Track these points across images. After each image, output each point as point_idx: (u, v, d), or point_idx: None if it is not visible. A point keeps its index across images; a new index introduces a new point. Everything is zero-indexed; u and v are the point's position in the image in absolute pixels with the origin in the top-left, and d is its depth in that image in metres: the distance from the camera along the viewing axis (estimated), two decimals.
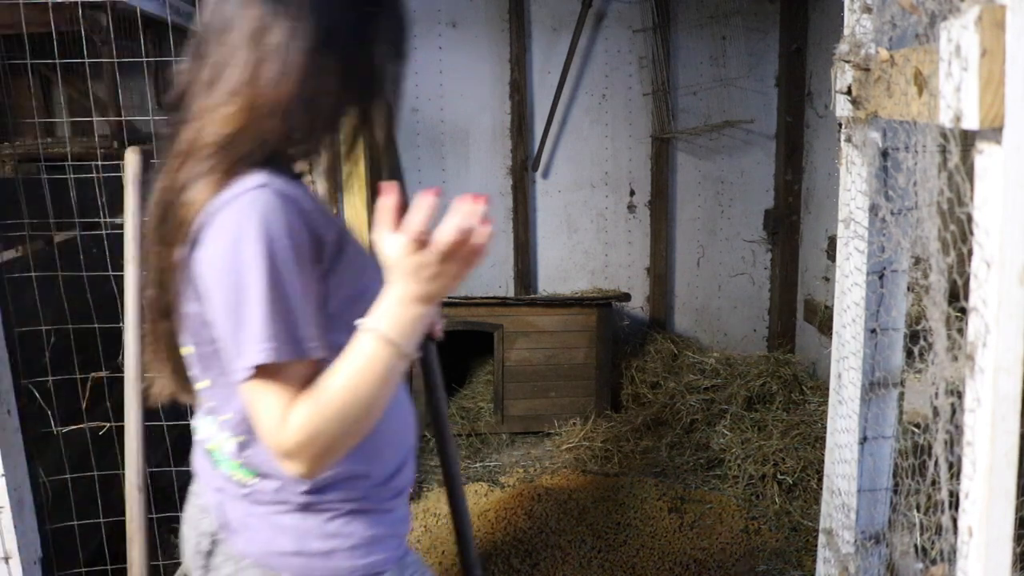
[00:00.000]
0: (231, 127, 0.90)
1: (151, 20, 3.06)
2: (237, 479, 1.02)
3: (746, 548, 2.59)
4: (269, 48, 0.90)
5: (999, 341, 0.71)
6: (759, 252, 4.32)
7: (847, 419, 1.30)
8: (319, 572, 1.00)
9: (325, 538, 1.00)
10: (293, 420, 0.87)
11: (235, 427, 0.99)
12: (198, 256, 0.90)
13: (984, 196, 0.71)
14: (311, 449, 0.88)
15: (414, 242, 0.88)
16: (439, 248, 0.88)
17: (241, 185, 0.89)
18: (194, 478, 1.13)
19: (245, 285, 0.86)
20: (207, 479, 1.07)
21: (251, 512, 1.01)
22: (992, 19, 0.67)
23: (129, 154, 1.91)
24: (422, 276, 0.89)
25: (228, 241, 0.87)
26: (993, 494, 0.73)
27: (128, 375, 1.87)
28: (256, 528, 1.00)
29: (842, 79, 1.19)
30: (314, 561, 1.00)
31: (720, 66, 4.10)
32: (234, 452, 1.00)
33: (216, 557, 1.04)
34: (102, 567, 2.10)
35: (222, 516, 1.03)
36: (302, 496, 1.00)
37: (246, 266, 0.86)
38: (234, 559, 1.02)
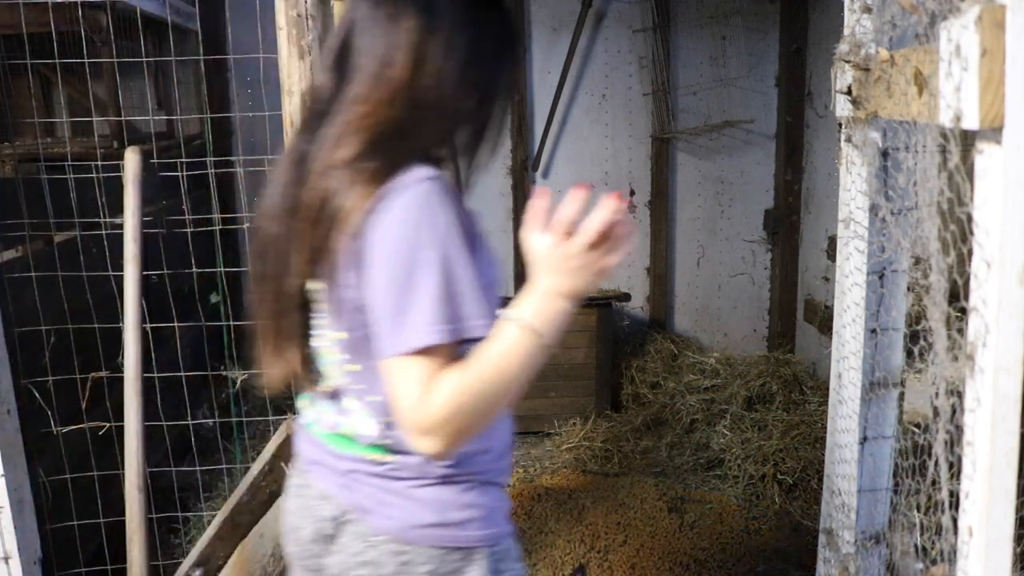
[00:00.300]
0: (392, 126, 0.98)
1: (151, 20, 3.06)
2: (372, 459, 1.06)
3: (746, 548, 2.59)
4: (427, 55, 0.98)
5: (999, 341, 0.71)
6: (759, 252, 4.32)
7: (847, 419, 1.30)
8: (456, 542, 1.06)
9: (461, 508, 1.06)
10: (436, 398, 0.91)
11: (383, 408, 1.03)
12: (369, 240, 0.94)
13: (984, 196, 0.71)
14: (448, 427, 0.92)
15: (563, 234, 0.95)
16: (585, 239, 0.94)
17: (412, 175, 0.95)
18: (299, 472, 1.16)
19: (419, 268, 0.91)
20: (330, 465, 1.10)
21: (388, 488, 1.06)
22: (992, 19, 0.67)
23: (129, 154, 1.91)
24: (567, 268, 0.95)
25: (404, 225, 0.92)
26: (993, 494, 0.73)
27: (128, 375, 1.87)
28: (394, 504, 1.05)
29: (842, 79, 1.19)
30: (452, 531, 1.06)
31: (720, 66, 4.10)
32: (377, 433, 1.05)
33: (341, 539, 1.08)
34: (102, 567, 2.10)
35: (350, 498, 1.07)
36: (442, 469, 1.05)
37: (422, 250, 0.92)
38: (364, 537, 1.06)
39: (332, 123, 0.99)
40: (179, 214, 2.28)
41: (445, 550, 1.06)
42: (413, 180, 0.94)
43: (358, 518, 1.07)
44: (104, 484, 2.09)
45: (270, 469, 1.76)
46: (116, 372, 1.95)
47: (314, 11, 1.45)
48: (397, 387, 0.93)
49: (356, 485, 1.07)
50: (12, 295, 1.95)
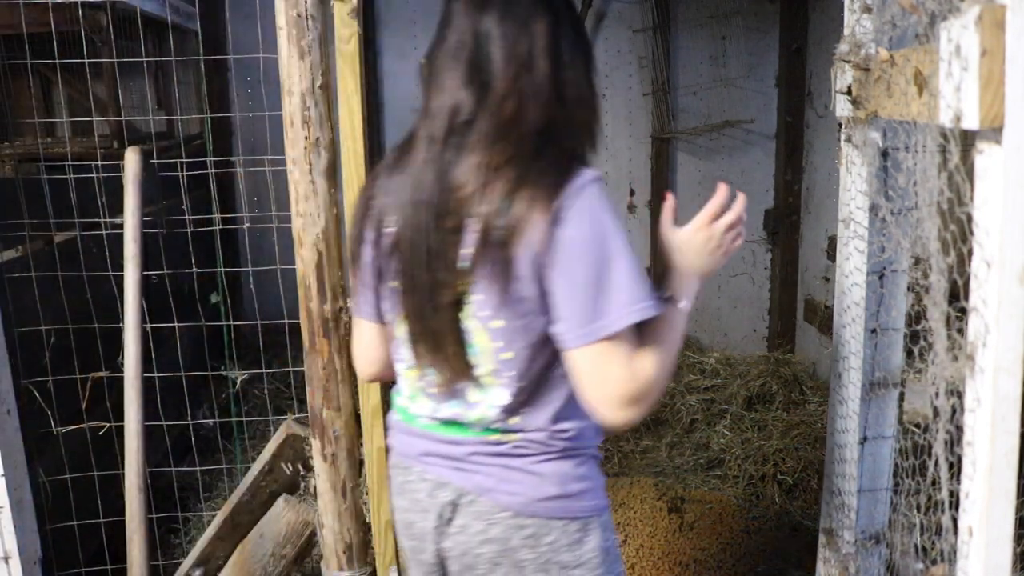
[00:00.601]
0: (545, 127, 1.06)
1: (151, 20, 3.06)
2: (494, 439, 1.13)
3: (746, 548, 2.59)
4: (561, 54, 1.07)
5: (999, 341, 0.71)
6: (759, 252, 4.31)
7: (847, 419, 1.30)
8: (574, 512, 1.14)
9: (578, 480, 1.14)
10: (641, 372, 1.03)
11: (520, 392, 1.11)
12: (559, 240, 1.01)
13: (984, 196, 0.71)
14: (651, 397, 1.04)
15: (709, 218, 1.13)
16: (725, 221, 1.14)
17: (583, 178, 1.02)
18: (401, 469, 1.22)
19: (613, 259, 1.01)
20: (444, 452, 1.16)
21: (509, 466, 1.13)
22: (992, 19, 0.67)
23: (129, 154, 1.91)
24: (707, 249, 1.14)
25: (592, 223, 1.01)
26: (993, 494, 0.73)
27: (128, 375, 1.87)
28: (517, 480, 1.12)
29: (842, 79, 1.19)
30: (571, 503, 1.14)
31: (720, 66, 4.10)
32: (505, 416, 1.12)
33: (458, 520, 1.15)
34: (102, 567, 2.10)
35: (470, 480, 1.14)
36: (561, 443, 1.13)
37: (611, 241, 1.01)
38: (486, 516, 1.13)
39: (479, 132, 1.05)
40: (179, 214, 2.28)
41: (565, 521, 1.13)
42: (586, 181, 1.02)
43: (476, 498, 1.13)
44: (104, 484, 2.09)
45: (270, 469, 1.76)
46: (116, 372, 1.95)
47: (314, 11, 1.45)
48: (606, 365, 1.02)
49: (475, 467, 1.14)
50: (12, 295, 1.95)
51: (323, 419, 1.58)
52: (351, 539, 1.64)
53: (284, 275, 1.87)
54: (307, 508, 1.74)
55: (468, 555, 1.15)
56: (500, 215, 1.01)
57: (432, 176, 1.07)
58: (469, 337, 1.10)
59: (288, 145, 1.50)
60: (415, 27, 4.16)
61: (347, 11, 1.44)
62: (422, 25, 4.15)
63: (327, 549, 1.65)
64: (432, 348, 1.12)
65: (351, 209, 1.50)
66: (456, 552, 1.16)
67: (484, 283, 1.05)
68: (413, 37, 4.16)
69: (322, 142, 1.50)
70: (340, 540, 1.63)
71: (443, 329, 1.10)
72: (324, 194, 1.51)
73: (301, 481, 1.75)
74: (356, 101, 1.48)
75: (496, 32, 1.06)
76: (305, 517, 1.74)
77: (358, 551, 1.65)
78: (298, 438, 1.71)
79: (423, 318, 1.11)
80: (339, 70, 1.47)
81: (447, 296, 1.07)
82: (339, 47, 1.46)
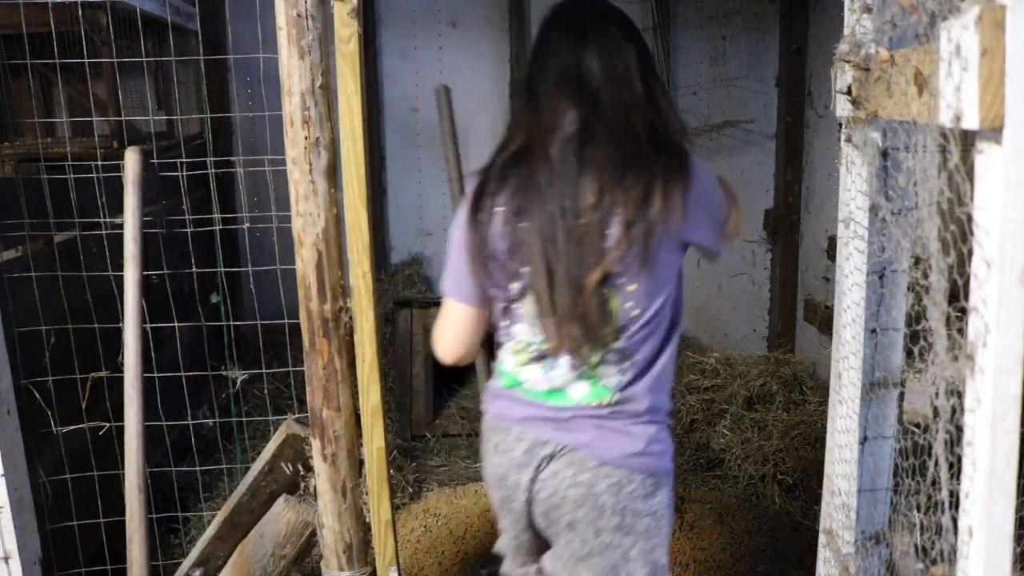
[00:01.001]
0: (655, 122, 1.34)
1: (151, 20, 3.06)
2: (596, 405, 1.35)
3: (746, 548, 2.59)
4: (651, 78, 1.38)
5: (999, 341, 0.71)
6: (759, 252, 4.32)
7: (847, 419, 1.30)
8: (653, 470, 1.36)
9: (659, 443, 1.37)
10: None
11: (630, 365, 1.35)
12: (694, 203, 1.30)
13: (984, 196, 0.71)
14: None
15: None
16: None
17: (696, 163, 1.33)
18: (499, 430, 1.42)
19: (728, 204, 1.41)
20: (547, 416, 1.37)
21: (605, 426, 1.35)
22: (992, 19, 0.67)
23: (129, 154, 1.91)
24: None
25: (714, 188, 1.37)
26: (993, 494, 0.73)
27: (128, 375, 1.87)
28: (611, 438, 1.34)
29: (842, 79, 1.19)
30: (652, 460, 1.36)
31: (720, 66, 4.10)
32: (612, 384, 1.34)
33: (552, 467, 1.36)
34: (102, 567, 2.10)
35: (569, 437, 1.35)
36: (651, 410, 1.36)
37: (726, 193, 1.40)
38: (578, 463, 1.34)
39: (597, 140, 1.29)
40: (179, 214, 2.28)
41: (644, 475, 1.35)
42: (699, 163, 1.33)
43: (573, 449, 1.35)
44: (104, 484, 2.09)
45: (270, 469, 1.76)
46: (116, 372, 1.95)
47: (314, 11, 1.45)
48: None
49: (575, 428, 1.35)
50: (12, 295, 1.95)
51: (323, 419, 1.58)
52: (351, 539, 1.64)
53: (284, 275, 1.87)
54: (307, 508, 1.74)
55: (555, 496, 1.35)
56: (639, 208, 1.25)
57: (565, 178, 1.29)
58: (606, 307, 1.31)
59: (288, 145, 1.50)
60: (415, 27, 4.16)
61: (347, 11, 1.44)
62: (422, 25, 4.15)
63: (327, 549, 1.65)
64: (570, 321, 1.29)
65: (351, 209, 1.50)
66: (544, 494, 1.36)
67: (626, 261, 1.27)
68: (413, 37, 4.16)
69: (322, 142, 1.50)
70: (340, 540, 1.63)
71: (586, 304, 1.28)
72: (324, 194, 1.51)
73: (301, 481, 1.75)
74: (356, 101, 1.48)
75: (596, 61, 1.32)
76: (305, 517, 1.73)
77: (358, 551, 1.65)
78: (298, 438, 1.70)
79: (567, 297, 1.29)
80: (339, 70, 1.47)
81: (593, 276, 1.27)
82: (339, 47, 1.46)
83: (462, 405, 3.67)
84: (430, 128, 4.27)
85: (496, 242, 1.34)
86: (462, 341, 1.47)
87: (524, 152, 1.35)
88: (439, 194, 4.33)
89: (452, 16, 4.13)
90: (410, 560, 2.52)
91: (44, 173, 2.17)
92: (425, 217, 4.36)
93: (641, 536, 1.36)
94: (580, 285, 1.28)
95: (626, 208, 1.25)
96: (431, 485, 3.06)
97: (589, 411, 1.35)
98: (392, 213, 4.34)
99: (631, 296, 1.31)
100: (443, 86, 2.48)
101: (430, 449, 3.37)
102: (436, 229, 4.37)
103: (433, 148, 4.29)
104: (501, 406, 1.43)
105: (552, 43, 1.36)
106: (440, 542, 2.62)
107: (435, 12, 4.13)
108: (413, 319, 3.39)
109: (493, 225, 1.34)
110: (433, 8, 4.13)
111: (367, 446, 1.60)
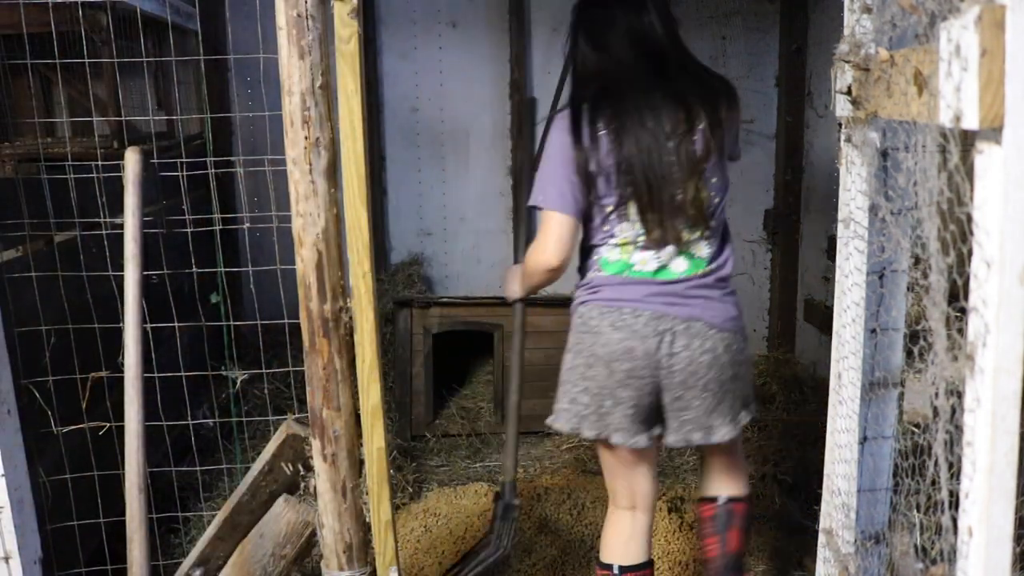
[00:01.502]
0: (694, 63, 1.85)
1: (151, 20, 3.06)
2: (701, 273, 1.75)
3: (746, 548, 2.59)
4: (676, 28, 1.84)
5: (999, 341, 0.71)
6: (759, 252, 4.31)
7: (847, 419, 1.30)
8: (741, 327, 1.81)
9: (738, 307, 1.82)
10: None
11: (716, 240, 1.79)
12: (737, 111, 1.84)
13: (984, 196, 0.71)
14: None
15: None
16: None
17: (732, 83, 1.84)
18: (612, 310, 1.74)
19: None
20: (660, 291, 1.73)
21: (709, 296, 1.75)
22: (992, 19, 0.67)
23: (129, 154, 1.91)
24: None
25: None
26: (993, 494, 0.73)
27: (128, 375, 1.86)
28: (715, 308, 1.75)
29: (842, 79, 1.19)
30: (741, 321, 1.81)
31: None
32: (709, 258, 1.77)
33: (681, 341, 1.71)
34: (102, 567, 2.10)
35: (683, 311, 1.72)
36: (729, 280, 1.81)
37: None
38: (700, 335, 1.72)
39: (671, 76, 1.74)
40: (179, 214, 2.27)
41: (740, 333, 1.80)
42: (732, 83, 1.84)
43: (691, 324, 1.72)
44: (104, 484, 2.09)
45: (270, 469, 1.76)
46: (116, 372, 1.95)
47: (314, 11, 1.45)
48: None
49: (686, 301, 1.73)
50: (12, 295, 1.95)
51: (323, 419, 1.58)
52: (351, 539, 1.64)
53: (284, 275, 1.87)
54: (307, 508, 1.74)
55: (692, 364, 1.71)
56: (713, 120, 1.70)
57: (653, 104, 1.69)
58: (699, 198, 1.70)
59: (288, 145, 1.50)
60: (415, 27, 4.16)
61: (347, 11, 1.44)
62: (422, 25, 4.15)
63: (327, 549, 1.65)
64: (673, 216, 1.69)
65: (351, 209, 1.50)
66: (682, 365, 1.71)
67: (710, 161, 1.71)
68: (413, 37, 4.16)
69: (322, 142, 1.50)
70: (340, 540, 1.63)
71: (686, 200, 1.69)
72: (324, 194, 1.51)
73: (301, 481, 1.75)
74: (356, 101, 1.48)
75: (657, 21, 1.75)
76: (305, 517, 1.73)
77: (358, 551, 1.65)
78: (298, 438, 1.70)
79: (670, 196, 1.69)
80: (339, 70, 1.47)
81: (692, 178, 1.69)
82: (339, 47, 1.46)
83: (462, 405, 3.67)
84: (430, 128, 4.27)
85: (604, 159, 1.70)
86: (567, 247, 1.76)
87: (607, 91, 1.72)
88: (439, 194, 4.33)
89: (452, 16, 4.13)
90: (410, 560, 2.52)
91: (44, 173, 2.17)
92: (425, 217, 4.36)
93: (744, 378, 1.81)
94: (681, 186, 1.68)
95: (705, 121, 1.69)
96: (431, 485, 3.06)
97: (693, 281, 1.74)
98: (392, 213, 4.34)
99: (712, 187, 1.75)
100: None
101: (430, 449, 3.37)
102: (436, 229, 4.37)
103: (433, 148, 4.29)
104: (611, 291, 1.75)
105: (613, 10, 1.74)
106: (440, 542, 2.62)
107: (435, 12, 4.13)
108: (413, 319, 3.39)
109: (601, 146, 1.69)
110: (433, 8, 4.13)
111: (367, 446, 1.60)
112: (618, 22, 1.74)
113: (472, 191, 4.33)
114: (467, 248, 4.40)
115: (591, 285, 1.78)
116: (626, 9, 1.74)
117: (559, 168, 1.72)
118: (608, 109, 1.70)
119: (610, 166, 1.69)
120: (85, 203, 2.17)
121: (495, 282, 4.38)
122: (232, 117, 3.93)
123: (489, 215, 4.36)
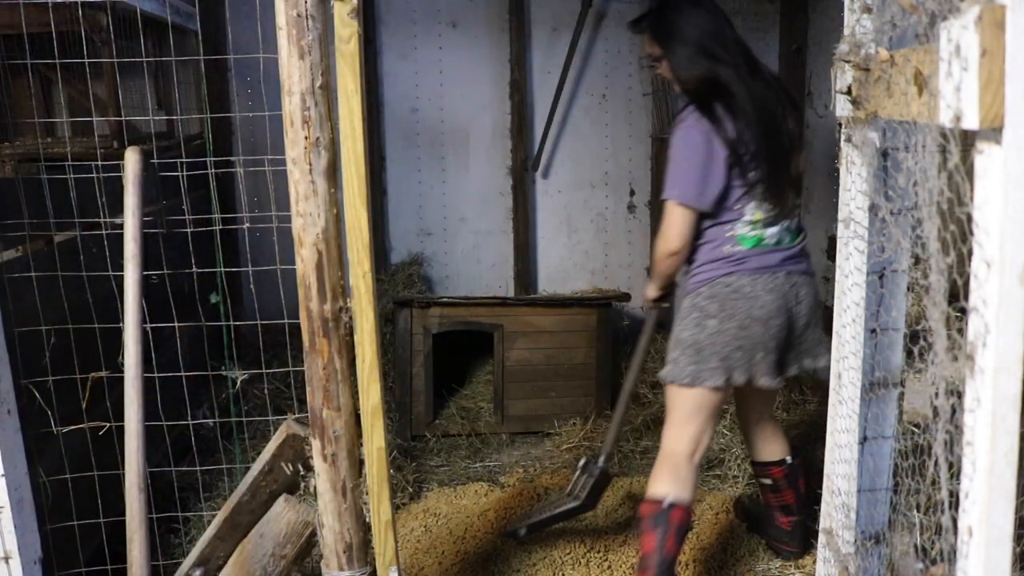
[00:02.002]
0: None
1: (151, 20, 3.06)
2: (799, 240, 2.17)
3: (746, 548, 2.59)
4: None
5: (999, 341, 0.71)
6: None
7: (847, 419, 1.30)
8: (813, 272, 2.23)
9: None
10: None
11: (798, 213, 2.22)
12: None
13: (984, 196, 0.71)
14: None
15: None
16: None
17: None
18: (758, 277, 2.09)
19: None
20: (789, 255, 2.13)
21: (803, 253, 2.18)
22: (992, 19, 0.67)
23: (129, 154, 1.91)
24: None
25: None
26: (993, 494, 0.73)
27: (128, 375, 1.87)
28: (805, 263, 2.18)
29: (842, 79, 1.19)
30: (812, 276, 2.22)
31: None
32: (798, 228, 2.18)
33: (802, 292, 2.14)
34: (102, 567, 2.10)
35: (798, 268, 2.14)
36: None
37: None
38: (807, 284, 2.16)
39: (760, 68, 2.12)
40: (179, 214, 2.27)
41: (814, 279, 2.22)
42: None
43: (803, 277, 2.15)
44: (104, 484, 2.09)
45: (270, 469, 1.76)
46: (116, 372, 1.95)
47: (314, 11, 1.45)
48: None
49: (798, 259, 2.14)
50: (12, 295, 1.95)
51: (323, 419, 1.58)
52: (351, 539, 1.64)
53: (284, 275, 1.87)
54: (307, 508, 1.74)
55: (805, 306, 2.14)
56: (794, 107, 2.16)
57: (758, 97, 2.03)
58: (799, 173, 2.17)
59: (288, 145, 1.50)
60: (415, 27, 4.16)
61: (347, 11, 1.44)
62: (422, 25, 4.15)
63: (327, 549, 1.65)
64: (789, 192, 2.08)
65: (351, 209, 1.50)
66: (803, 310, 2.14)
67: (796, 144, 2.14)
68: (413, 37, 4.16)
69: (322, 142, 1.50)
70: (340, 540, 1.63)
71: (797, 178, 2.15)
72: (324, 194, 1.51)
73: (301, 481, 1.75)
74: (356, 101, 1.48)
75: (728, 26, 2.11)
76: (305, 517, 1.74)
77: (358, 551, 1.65)
78: (298, 438, 1.70)
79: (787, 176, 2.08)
80: (339, 70, 1.47)
81: (797, 159, 2.15)
82: (339, 47, 1.46)
83: (462, 405, 3.67)
84: (430, 128, 4.27)
85: (741, 148, 2.01)
86: (688, 235, 2.07)
87: (716, 89, 2.03)
88: (439, 194, 4.34)
89: (452, 16, 4.13)
90: (410, 560, 2.52)
91: (44, 173, 2.17)
92: (425, 217, 4.36)
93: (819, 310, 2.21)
94: (793, 166, 2.10)
95: (789, 108, 2.10)
96: (431, 485, 3.06)
97: (796, 248, 2.14)
98: (392, 213, 4.34)
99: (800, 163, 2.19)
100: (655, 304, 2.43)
101: (430, 449, 3.37)
102: (436, 229, 4.38)
103: (433, 148, 4.29)
104: (755, 261, 2.09)
105: (703, 17, 2.06)
106: (440, 542, 2.62)
107: (435, 12, 4.13)
108: (413, 319, 3.39)
109: (741, 138, 2.00)
110: (433, 8, 4.13)
111: (367, 446, 1.60)
112: (726, 33, 2.07)
113: (472, 191, 4.33)
114: (467, 248, 4.40)
115: (734, 258, 2.09)
116: (714, 15, 2.08)
117: (697, 165, 2.01)
118: (724, 105, 2.01)
119: (745, 153, 2.01)
120: (85, 203, 2.17)
121: (495, 282, 4.39)
122: (232, 117, 3.94)
123: (489, 215, 4.36)
